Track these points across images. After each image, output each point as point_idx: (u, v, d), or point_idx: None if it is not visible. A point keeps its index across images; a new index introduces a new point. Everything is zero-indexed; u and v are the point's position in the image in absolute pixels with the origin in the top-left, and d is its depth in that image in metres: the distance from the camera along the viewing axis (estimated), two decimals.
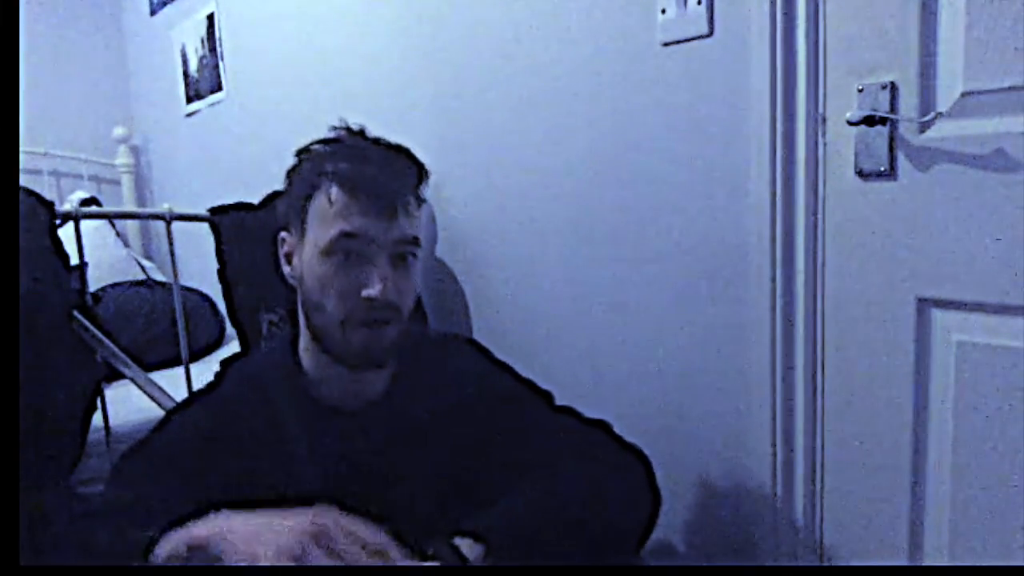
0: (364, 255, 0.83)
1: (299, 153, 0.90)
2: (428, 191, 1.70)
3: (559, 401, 0.99)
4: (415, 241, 0.87)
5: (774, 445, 1.12)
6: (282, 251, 0.91)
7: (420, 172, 0.90)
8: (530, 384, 0.99)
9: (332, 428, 0.88)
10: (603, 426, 0.95)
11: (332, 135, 0.90)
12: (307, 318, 0.88)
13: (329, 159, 0.86)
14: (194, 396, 0.95)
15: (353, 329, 0.84)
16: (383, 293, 0.82)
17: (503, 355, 1.04)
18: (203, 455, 0.85)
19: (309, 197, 0.86)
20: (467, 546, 0.72)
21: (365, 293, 0.82)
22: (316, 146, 0.89)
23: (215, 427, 0.87)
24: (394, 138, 0.92)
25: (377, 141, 0.90)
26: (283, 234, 0.91)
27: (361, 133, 0.91)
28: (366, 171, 0.84)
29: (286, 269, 0.91)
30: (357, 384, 0.90)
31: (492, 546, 0.73)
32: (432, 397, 0.92)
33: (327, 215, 0.84)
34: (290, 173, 0.90)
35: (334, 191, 0.83)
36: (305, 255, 0.86)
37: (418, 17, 1.70)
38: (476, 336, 1.68)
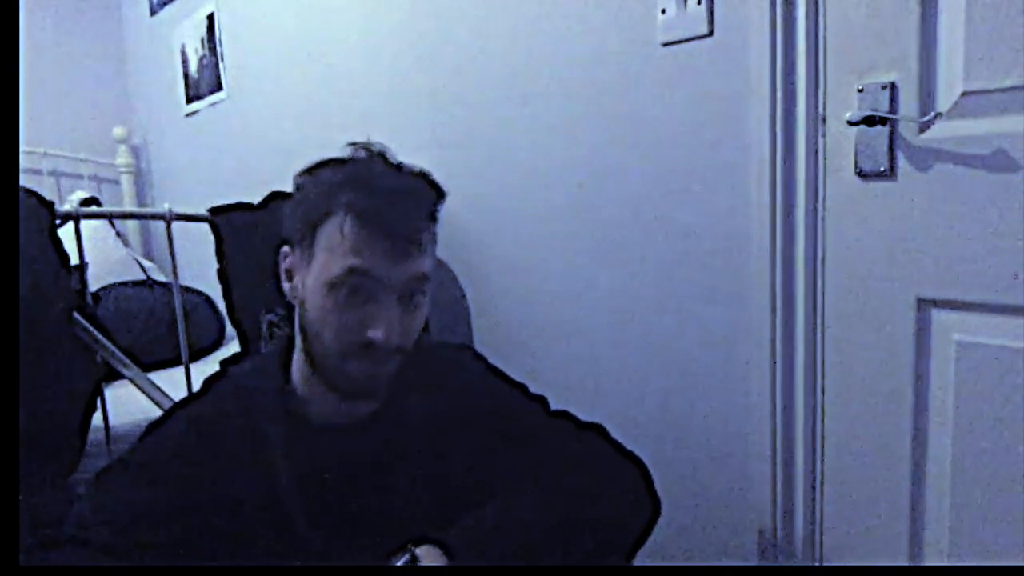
0: (372, 294, 0.79)
1: (312, 170, 0.84)
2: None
3: (559, 402, 0.99)
4: (425, 278, 0.83)
5: (774, 445, 1.12)
6: (283, 265, 0.87)
7: (437, 199, 0.85)
8: (524, 389, 0.97)
9: (318, 445, 0.86)
10: (599, 430, 0.94)
11: (350, 154, 0.84)
12: (305, 342, 0.84)
13: (345, 186, 0.80)
14: (176, 407, 0.91)
15: (352, 364, 0.81)
16: (388, 338, 0.79)
17: (504, 356, 1.03)
18: (182, 470, 0.82)
19: (320, 222, 0.80)
20: (433, 557, 0.72)
21: (370, 335, 0.78)
22: (332, 167, 0.83)
23: (195, 442, 0.84)
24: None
25: (398, 167, 0.84)
26: (285, 248, 0.86)
27: (382, 156, 0.85)
28: (382, 205, 0.78)
29: (286, 286, 0.87)
30: (347, 407, 0.87)
31: (457, 557, 0.73)
32: (424, 409, 0.89)
33: (337, 247, 0.79)
34: (299, 189, 0.84)
35: (347, 224, 0.78)
36: (309, 280, 0.82)
37: (418, 17, 1.70)
38: (477, 338, 1.68)
